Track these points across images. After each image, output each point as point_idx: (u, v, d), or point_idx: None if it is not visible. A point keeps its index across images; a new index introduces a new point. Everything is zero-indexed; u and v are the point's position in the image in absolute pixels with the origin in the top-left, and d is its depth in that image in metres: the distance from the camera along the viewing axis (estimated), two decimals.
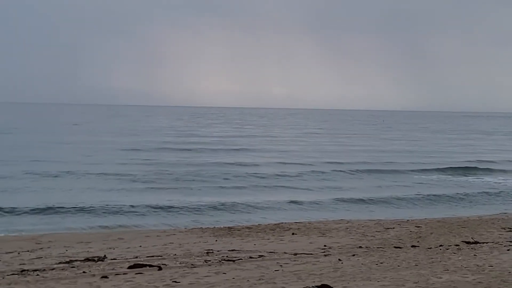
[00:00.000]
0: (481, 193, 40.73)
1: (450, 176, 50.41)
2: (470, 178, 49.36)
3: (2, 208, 30.71)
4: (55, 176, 42.96)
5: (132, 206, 31.97)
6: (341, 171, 50.95)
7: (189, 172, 46.45)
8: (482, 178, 49.43)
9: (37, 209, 30.79)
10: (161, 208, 32.03)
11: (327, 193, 39.82)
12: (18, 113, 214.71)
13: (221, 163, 53.02)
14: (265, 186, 41.90)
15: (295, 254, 20.14)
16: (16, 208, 30.91)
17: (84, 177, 43.16)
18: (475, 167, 55.74)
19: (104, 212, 30.63)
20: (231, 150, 69.54)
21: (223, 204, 33.55)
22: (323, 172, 49.51)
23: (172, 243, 22.81)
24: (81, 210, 30.86)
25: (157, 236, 24.68)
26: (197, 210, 32.06)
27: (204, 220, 29.88)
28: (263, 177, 45.62)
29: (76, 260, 19.32)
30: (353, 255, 19.80)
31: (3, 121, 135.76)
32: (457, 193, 40.23)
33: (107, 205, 32.05)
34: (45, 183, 40.18)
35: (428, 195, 39.44)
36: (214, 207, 32.83)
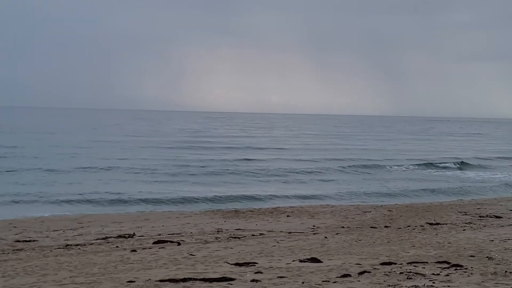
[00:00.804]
0: (442, 183, 40.64)
1: (416, 169, 50.21)
2: (433, 171, 49.21)
3: (50, 195, 30.75)
4: (97, 169, 42.40)
5: (157, 195, 31.65)
6: (328, 165, 50.83)
7: (203, 167, 46.10)
8: (443, 171, 49.31)
9: (79, 196, 30.76)
10: (180, 197, 31.73)
11: (316, 183, 39.83)
12: (64, 117, 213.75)
13: (230, 160, 52.46)
14: (266, 178, 41.74)
15: (289, 233, 20.15)
16: (61, 194, 30.98)
17: (117, 170, 42.75)
18: (437, 162, 55.57)
19: (134, 199, 30.42)
20: (239, 148, 68.17)
21: (232, 193, 33.45)
22: (314, 166, 49.35)
23: (189, 223, 22.80)
24: (116, 199, 30.49)
25: (177, 217, 24.66)
26: (209, 198, 31.87)
27: (215, 205, 29.77)
28: (265, 171, 45.41)
29: (110, 237, 19.37)
30: (337, 234, 19.80)
31: (51, 124, 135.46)
32: (423, 183, 40.20)
33: (136, 193, 31.92)
34: (85, 175, 39.86)
35: (398, 184, 39.40)
36: (224, 195, 32.66)
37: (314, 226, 21.90)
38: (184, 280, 12.26)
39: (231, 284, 11.87)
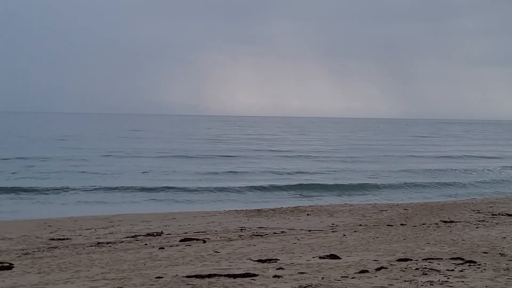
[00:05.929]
0: (455, 183, 40.27)
1: (430, 170, 49.60)
2: (448, 172, 48.44)
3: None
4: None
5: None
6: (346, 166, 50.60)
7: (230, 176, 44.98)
8: (457, 171, 48.62)
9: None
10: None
11: (334, 182, 39.60)
12: (98, 122, 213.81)
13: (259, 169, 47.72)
14: (286, 179, 41.50)
15: (309, 231, 20.05)
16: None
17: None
18: (451, 161, 54.98)
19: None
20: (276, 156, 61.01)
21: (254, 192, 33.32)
22: (334, 171, 49.12)
23: (214, 221, 22.78)
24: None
25: (202, 216, 24.66)
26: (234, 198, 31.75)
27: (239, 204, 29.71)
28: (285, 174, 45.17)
29: (139, 235, 19.40)
30: (355, 231, 19.66)
31: (89, 129, 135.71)
32: (436, 183, 39.83)
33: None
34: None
35: (414, 184, 39.09)
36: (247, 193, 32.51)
37: (333, 224, 21.78)
38: (210, 276, 12.23)
39: (254, 280, 11.82)
